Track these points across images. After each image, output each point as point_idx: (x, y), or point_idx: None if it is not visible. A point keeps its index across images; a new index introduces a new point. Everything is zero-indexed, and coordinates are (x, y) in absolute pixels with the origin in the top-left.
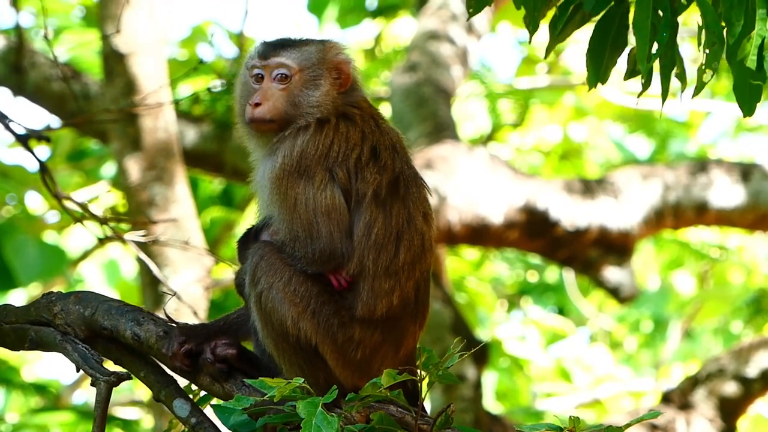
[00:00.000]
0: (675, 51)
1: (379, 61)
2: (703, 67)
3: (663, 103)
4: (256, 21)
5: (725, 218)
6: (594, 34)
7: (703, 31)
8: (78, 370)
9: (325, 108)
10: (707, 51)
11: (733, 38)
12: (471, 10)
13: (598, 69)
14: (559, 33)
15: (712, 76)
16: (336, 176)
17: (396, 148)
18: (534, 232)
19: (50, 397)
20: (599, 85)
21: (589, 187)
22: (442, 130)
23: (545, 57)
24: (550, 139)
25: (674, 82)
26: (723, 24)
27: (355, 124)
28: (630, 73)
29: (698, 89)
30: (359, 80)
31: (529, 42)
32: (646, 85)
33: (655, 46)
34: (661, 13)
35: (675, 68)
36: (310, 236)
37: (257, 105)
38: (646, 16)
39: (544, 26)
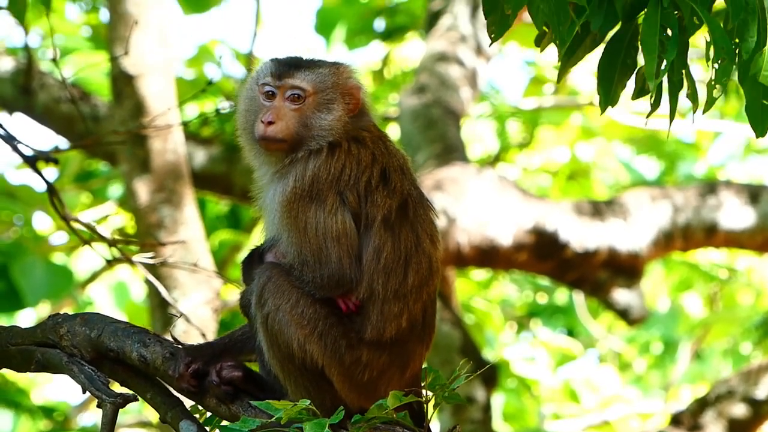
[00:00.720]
0: (685, 69)
1: (387, 83)
2: (713, 83)
3: (671, 123)
4: (264, 41)
5: (734, 240)
6: (603, 56)
7: (712, 47)
8: (84, 392)
9: (337, 132)
10: (716, 66)
11: (747, 54)
12: (493, 36)
13: (608, 91)
14: (569, 57)
15: (722, 93)
16: (346, 200)
17: (404, 170)
18: (543, 253)
19: (59, 420)
20: (609, 107)
21: (598, 209)
22: (451, 151)
23: (558, 82)
24: (558, 159)
25: (683, 103)
26: (737, 40)
27: (366, 147)
28: (638, 93)
29: (708, 105)
30: (369, 104)
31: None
32: (655, 104)
33: (664, 64)
34: (669, 30)
35: (687, 89)
36: (319, 261)
37: (270, 123)
38: (654, 32)
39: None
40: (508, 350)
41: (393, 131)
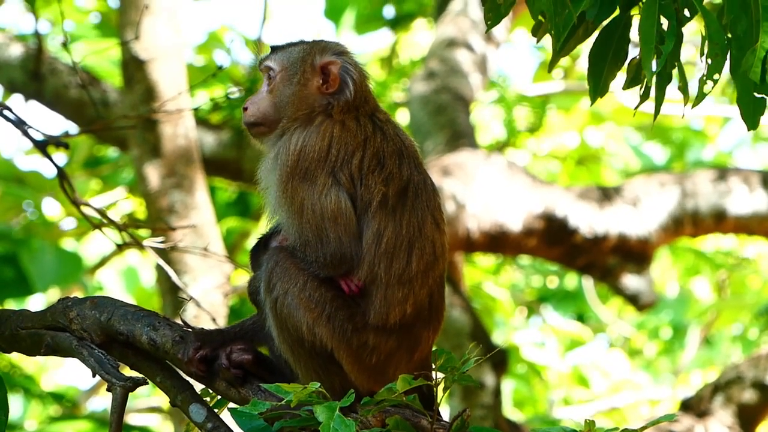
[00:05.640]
0: (677, 62)
1: (395, 71)
2: (704, 78)
3: (655, 117)
4: (274, 27)
5: (744, 226)
6: (594, 47)
7: (707, 42)
8: (94, 376)
9: (304, 106)
10: (709, 61)
11: (740, 50)
12: (489, 23)
13: (598, 82)
14: (561, 48)
15: (713, 88)
16: (340, 180)
17: (403, 154)
18: (553, 239)
19: (68, 406)
20: (599, 97)
21: (607, 195)
22: (460, 137)
23: (549, 71)
24: (567, 144)
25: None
26: (729, 35)
27: (357, 126)
28: (630, 83)
29: (699, 99)
30: (358, 83)
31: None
32: (644, 95)
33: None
34: (666, 21)
35: (678, 81)
36: (320, 241)
37: (245, 109)
38: (651, 23)
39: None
40: (518, 335)
41: (402, 117)
